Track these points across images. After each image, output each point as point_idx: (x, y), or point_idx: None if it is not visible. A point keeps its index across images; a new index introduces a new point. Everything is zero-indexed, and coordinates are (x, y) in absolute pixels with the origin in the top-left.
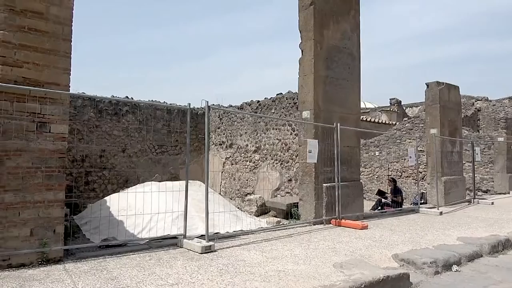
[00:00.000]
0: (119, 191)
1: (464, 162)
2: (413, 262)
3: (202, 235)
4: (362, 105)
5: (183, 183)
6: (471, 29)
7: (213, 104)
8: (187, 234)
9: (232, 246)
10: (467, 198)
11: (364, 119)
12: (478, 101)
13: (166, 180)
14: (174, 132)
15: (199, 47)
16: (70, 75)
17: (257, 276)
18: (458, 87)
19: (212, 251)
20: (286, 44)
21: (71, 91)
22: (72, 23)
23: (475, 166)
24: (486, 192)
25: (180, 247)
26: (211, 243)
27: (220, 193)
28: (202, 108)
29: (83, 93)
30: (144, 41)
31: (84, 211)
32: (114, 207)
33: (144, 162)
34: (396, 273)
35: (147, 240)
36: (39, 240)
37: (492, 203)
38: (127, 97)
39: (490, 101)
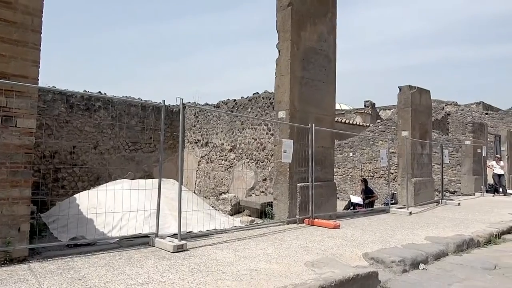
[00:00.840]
0: (90, 189)
1: (433, 164)
2: (382, 261)
3: (174, 234)
4: (338, 107)
5: (156, 181)
6: (444, 36)
7: (189, 102)
8: (159, 233)
9: (205, 245)
10: (435, 199)
11: (339, 120)
12: (448, 106)
13: (139, 178)
14: (148, 130)
15: (179, 46)
16: (39, 67)
17: (229, 275)
18: (429, 91)
19: (184, 250)
20: (265, 44)
21: (40, 85)
22: (43, 14)
23: (444, 168)
24: (454, 193)
25: (152, 246)
26: (183, 242)
27: (194, 192)
28: (178, 105)
29: (53, 87)
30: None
31: (52, 209)
32: (83, 205)
33: (116, 159)
34: (365, 272)
35: (118, 239)
36: (2, 239)
37: (459, 204)
38: (100, 92)
39: (459, 105)
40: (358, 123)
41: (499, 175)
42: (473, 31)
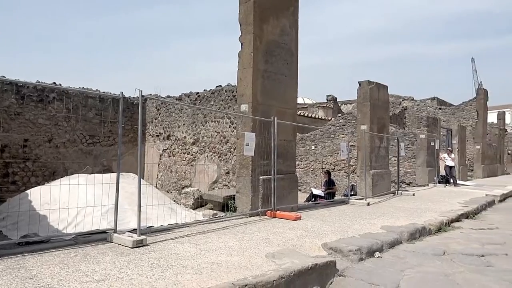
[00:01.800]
0: (44, 184)
1: (390, 156)
2: (340, 250)
3: (134, 229)
4: (301, 101)
5: (114, 175)
6: (403, 33)
7: (150, 94)
8: (118, 229)
9: (165, 240)
10: (392, 190)
11: (302, 114)
12: (405, 101)
13: (98, 173)
14: (107, 122)
15: (141, 37)
16: None
17: (190, 268)
18: (387, 86)
19: (144, 245)
20: (229, 36)
21: None
22: None
23: (400, 161)
24: (409, 185)
25: (110, 242)
26: (143, 237)
27: (156, 186)
28: (137, 97)
29: (2, 76)
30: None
31: (2, 206)
32: (36, 201)
33: (73, 153)
34: (323, 261)
35: (74, 236)
36: None
37: (413, 194)
38: (54, 83)
39: (415, 101)
40: (320, 117)
41: (450, 167)
42: (429, 30)
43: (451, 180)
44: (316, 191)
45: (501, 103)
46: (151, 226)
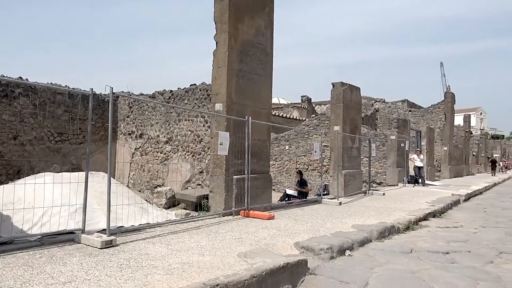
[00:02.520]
0: (8, 183)
1: (362, 157)
2: (312, 249)
3: (103, 230)
4: (276, 101)
5: (83, 174)
6: (375, 37)
7: (123, 92)
8: (86, 229)
9: (136, 240)
10: (363, 189)
11: (277, 114)
12: (377, 102)
13: (66, 171)
14: (77, 119)
15: (115, 34)
16: None
17: (160, 269)
18: (359, 88)
19: (113, 246)
20: (204, 34)
21: None
22: None
23: (371, 161)
24: (380, 184)
25: (78, 242)
26: (112, 237)
27: (128, 185)
28: (108, 94)
29: None
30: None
31: None
32: None
33: (40, 151)
34: (295, 260)
35: (39, 237)
36: None
37: (384, 194)
38: (20, 78)
39: (387, 103)
40: (295, 117)
41: (419, 167)
42: (401, 34)
43: (420, 180)
44: (289, 191)
45: (467, 106)
46: (121, 226)
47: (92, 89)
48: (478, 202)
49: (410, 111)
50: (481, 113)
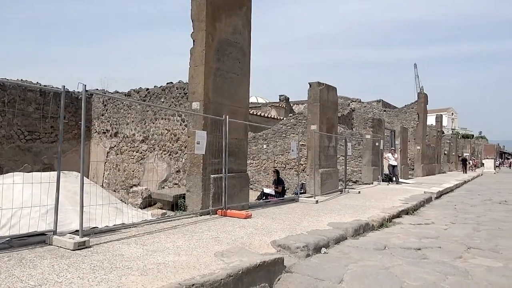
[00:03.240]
0: None
1: (338, 156)
2: (288, 247)
3: (76, 231)
4: (254, 100)
5: (55, 174)
6: (352, 38)
7: (97, 89)
8: (58, 230)
9: (110, 241)
10: (339, 188)
11: (255, 113)
12: (353, 102)
13: (38, 171)
14: (48, 117)
15: (91, 28)
16: None
17: (135, 270)
18: (336, 88)
19: (86, 247)
20: (181, 32)
21: None
22: None
23: (347, 160)
24: (355, 183)
25: (50, 244)
26: (85, 238)
27: (102, 185)
28: (81, 92)
29: None
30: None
31: None
32: None
33: (9, 150)
34: (271, 258)
35: (8, 239)
36: None
37: (359, 192)
38: None
39: (363, 102)
40: (273, 116)
41: (393, 166)
42: (377, 35)
43: (394, 178)
44: (267, 190)
45: (439, 107)
46: (95, 227)
47: (64, 86)
48: (449, 199)
49: (385, 111)
50: (452, 113)
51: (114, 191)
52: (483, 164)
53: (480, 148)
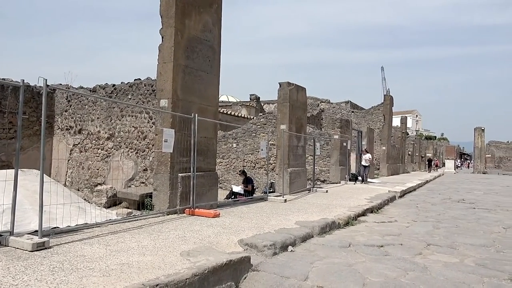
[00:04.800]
0: None
1: (307, 155)
2: (255, 246)
3: (35, 231)
4: (225, 99)
5: (13, 171)
6: (322, 39)
7: (60, 84)
8: (16, 231)
9: (72, 241)
10: (308, 187)
11: (225, 112)
12: (322, 103)
13: None
14: (7, 113)
15: (51, 19)
16: None
17: (97, 271)
18: (305, 88)
19: (46, 248)
20: (151, 27)
21: None
22: None
23: (316, 159)
24: (324, 182)
25: (6, 245)
26: (45, 239)
27: (65, 184)
28: (42, 87)
29: None
30: None
31: None
32: None
33: None
34: (238, 257)
35: None
36: None
37: (327, 191)
38: None
39: (332, 103)
40: (243, 115)
41: (365, 166)
42: (347, 37)
43: (360, 178)
44: (236, 189)
45: (404, 109)
46: (56, 227)
47: (24, 80)
48: (411, 198)
49: (353, 112)
50: (416, 115)
51: (78, 190)
52: (444, 164)
53: (442, 149)
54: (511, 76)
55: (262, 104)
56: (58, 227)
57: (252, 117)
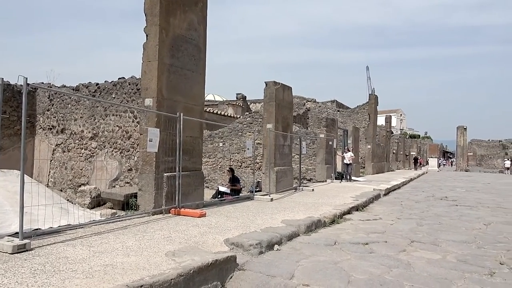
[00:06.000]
0: None
1: (293, 154)
2: (241, 245)
3: (16, 233)
4: (211, 98)
5: None
6: (309, 39)
7: (42, 83)
8: None
9: (54, 243)
10: (294, 186)
11: (212, 111)
12: (308, 102)
13: None
14: None
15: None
16: None
17: (80, 273)
18: (291, 87)
19: (27, 250)
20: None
21: None
22: None
23: (302, 158)
24: (310, 181)
25: None
26: (26, 241)
27: (47, 184)
28: (22, 85)
29: None
30: None
31: None
32: None
33: None
34: (224, 257)
35: None
36: None
37: (313, 190)
38: None
39: (318, 102)
40: (229, 115)
41: (348, 164)
42: (333, 38)
43: (346, 176)
44: (222, 188)
45: (389, 108)
46: (37, 229)
47: (3, 78)
48: (396, 196)
49: (338, 111)
50: (401, 114)
51: (61, 190)
52: (428, 162)
53: (426, 147)
54: (492, 76)
55: (249, 103)
56: (40, 229)
57: (238, 116)
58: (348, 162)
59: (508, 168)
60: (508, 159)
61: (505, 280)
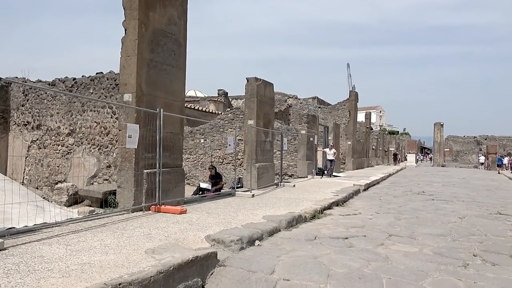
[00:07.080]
0: None
1: (275, 150)
2: (222, 241)
3: None
4: (193, 94)
5: None
6: (290, 35)
7: (16, 77)
8: None
9: (29, 242)
10: (275, 181)
11: (193, 107)
12: (290, 98)
13: None
14: None
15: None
16: None
17: (56, 272)
18: (272, 84)
19: (0, 250)
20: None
21: None
22: None
23: (283, 154)
24: (291, 176)
25: None
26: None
27: (22, 182)
28: None
29: None
30: None
31: None
32: None
33: None
34: (204, 253)
35: None
36: None
37: (294, 185)
38: None
39: (299, 99)
40: (211, 111)
41: (330, 160)
42: (314, 35)
43: (327, 172)
44: (203, 185)
45: (369, 104)
46: (12, 228)
47: None
48: (375, 191)
49: (319, 107)
50: (380, 111)
51: (37, 188)
52: (406, 158)
53: (404, 143)
54: (467, 74)
55: (230, 100)
56: (14, 228)
57: (220, 112)
58: (332, 158)
59: (482, 164)
60: (482, 155)
61: (478, 271)
